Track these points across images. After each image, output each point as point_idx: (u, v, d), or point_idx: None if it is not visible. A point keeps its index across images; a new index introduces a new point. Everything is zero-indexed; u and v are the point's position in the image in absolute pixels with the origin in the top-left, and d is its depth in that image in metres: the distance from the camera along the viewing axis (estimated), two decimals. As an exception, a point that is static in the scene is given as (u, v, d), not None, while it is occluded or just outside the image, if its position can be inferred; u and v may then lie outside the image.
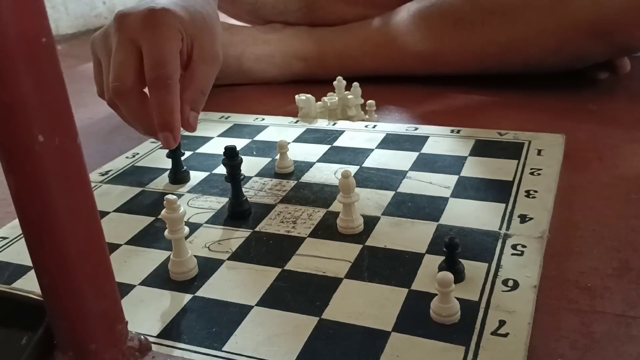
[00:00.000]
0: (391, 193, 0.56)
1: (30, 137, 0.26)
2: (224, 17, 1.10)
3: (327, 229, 0.51)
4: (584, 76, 0.85)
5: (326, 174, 0.61)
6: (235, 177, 0.53)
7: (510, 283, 0.42)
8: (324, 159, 0.64)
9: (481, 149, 0.63)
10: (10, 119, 0.26)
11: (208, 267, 0.47)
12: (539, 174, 0.57)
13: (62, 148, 0.27)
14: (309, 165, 0.63)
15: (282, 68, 0.94)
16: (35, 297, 0.33)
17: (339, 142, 0.68)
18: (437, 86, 0.87)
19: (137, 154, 0.70)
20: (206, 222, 0.53)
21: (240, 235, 0.51)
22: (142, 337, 0.33)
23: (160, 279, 0.46)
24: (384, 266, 0.45)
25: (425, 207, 0.53)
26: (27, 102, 0.25)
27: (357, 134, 0.70)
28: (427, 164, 0.61)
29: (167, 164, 0.63)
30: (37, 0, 0.25)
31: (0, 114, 0.26)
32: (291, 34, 0.95)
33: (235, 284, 0.45)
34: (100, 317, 0.30)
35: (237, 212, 0.54)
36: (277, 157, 0.62)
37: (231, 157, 0.52)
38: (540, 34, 0.77)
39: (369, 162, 0.62)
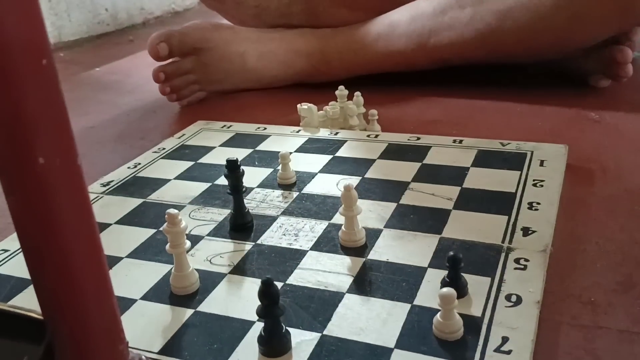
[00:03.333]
0: (393, 205, 0.55)
1: (30, 159, 0.26)
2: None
3: (329, 242, 0.51)
4: (586, 84, 0.85)
5: (328, 185, 0.61)
6: (237, 189, 0.53)
7: (514, 298, 0.42)
8: (326, 169, 0.64)
9: (483, 159, 0.63)
10: (11, 140, 0.25)
11: (210, 280, 0.47)
12: (541, 186, 0.57)
13: (63, 169, 0.26)
14: (311, 175, 0.63)
15: (285, 65, 0.94)
16: (36, 315, 0.33)
17: (341, 152, 0.68)
18: (439, 95, 0.87)
19: (139, 164, 0.69)
20: (208, 235, 0.53)
21: (242, 248, 0.51)
22: (142, 356, 0.33)
23: (161, 293, 0.46)
24: (386, 280, 0.45)
25: (428, 220, 0.53)
26: (28, 124, 0.25)
27: (359, 143, 0.69)
28: (429, 174, 0.61)
29: (170, 174, 0.62)
30: (38, 22, 0.25)
31: (0, 136, 0.25)
32: (294, 33, 0.96)
33: (237, 298, 0.45)
34: (100, 337, 0.29)
35: (239, 225, 0.53)
36: (279, 167, 0.62)
37: (233, 170, 0.52)
38: None
39: (370, 173, 0.62)
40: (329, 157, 0.67)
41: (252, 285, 0.46)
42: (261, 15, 1.00)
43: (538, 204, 0.54)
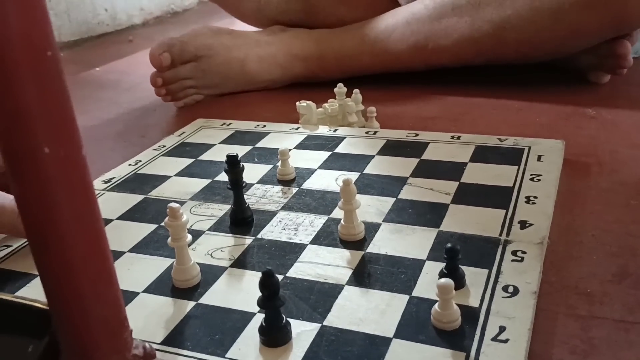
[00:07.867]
0: (392, 200, 0.56)
1: (36, 149, 0.26)
2: (231, 22, 1.11)
3: (328, 236, 0.51)
4: (582, 80, 0.86)
5: (327, 180, 0.61)
6: (237, 184, 0.53)
7: (511, 289, 0.43)
8: (325, 165, 0.65)
9: (481, 155, 0.64)
10: (16, 131, 0.26)
11: (211, 274, 0.47)
12: (538, 180, 0.57)
13: (68, 159, 0.27)
14: (310, 172, 0.63)
15: (283, 68, 0.95)
16: (41, 305, 0.33)
17: (340, 149, 0.68)
18: (437, 92, 0.88)
19: (140, 161, 0.70)
20: (209, 230, 0.54)
21: (242, 243, 0.51)
22: (146, 344, 0.34)
23: (163, 286, 0.47)
24: (385, 273, 0.46)
25: (426, 214, 0.53)
26: (33, 114, 0.26)
27: (357, 140, 0.70)
28: (427, 170, 0.61)
29: (170, 171, 0.63)
30: (43, 14, 0.26)
31: (6, 126, 0.26)
32: (291, 35, 0.97)
33: (237, 291, 0.45)
34: (104, 324, 0.30)
35: (239, 220, 0.54)
36: (279, 164, 0.63)
37: (233, 165, 0.52)
38: (534, 9, 0.78)
39: (369, 169, 0.63)
40: (328, 153, 0.67)
41: (252, 278, 0.46)
42: (262, 10, 1.01)
43: (535, 197, 0.54)
